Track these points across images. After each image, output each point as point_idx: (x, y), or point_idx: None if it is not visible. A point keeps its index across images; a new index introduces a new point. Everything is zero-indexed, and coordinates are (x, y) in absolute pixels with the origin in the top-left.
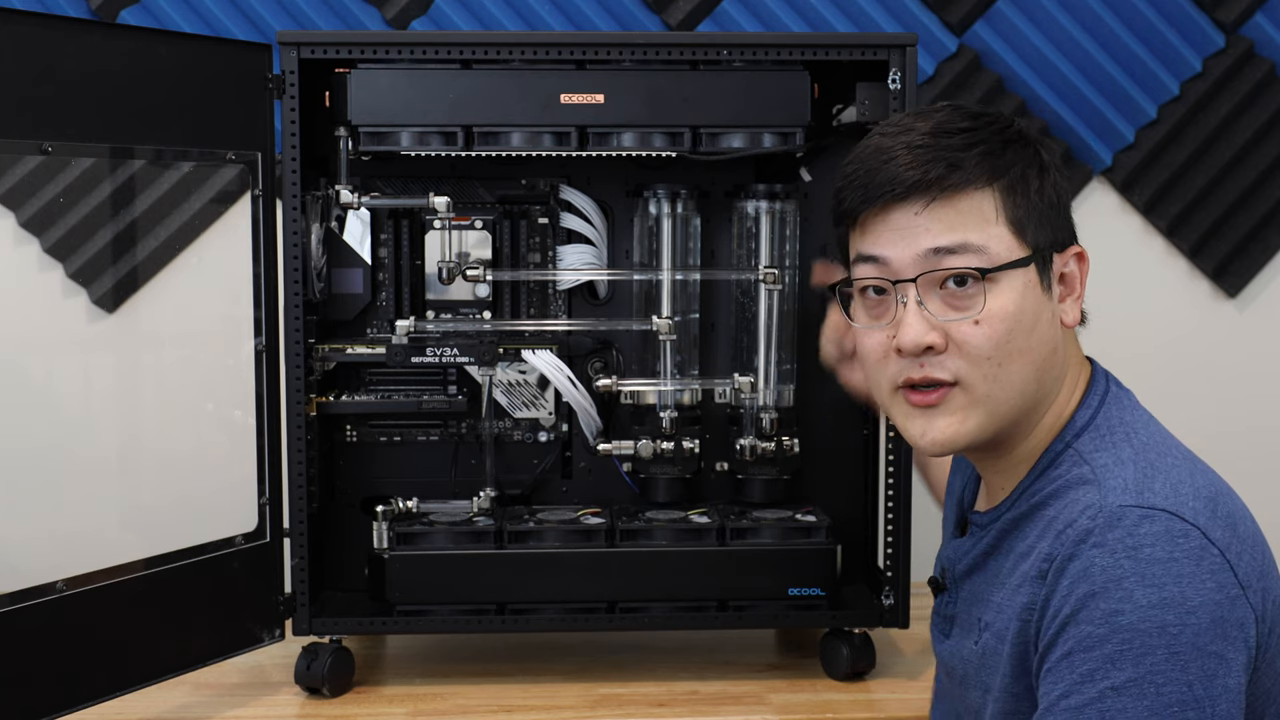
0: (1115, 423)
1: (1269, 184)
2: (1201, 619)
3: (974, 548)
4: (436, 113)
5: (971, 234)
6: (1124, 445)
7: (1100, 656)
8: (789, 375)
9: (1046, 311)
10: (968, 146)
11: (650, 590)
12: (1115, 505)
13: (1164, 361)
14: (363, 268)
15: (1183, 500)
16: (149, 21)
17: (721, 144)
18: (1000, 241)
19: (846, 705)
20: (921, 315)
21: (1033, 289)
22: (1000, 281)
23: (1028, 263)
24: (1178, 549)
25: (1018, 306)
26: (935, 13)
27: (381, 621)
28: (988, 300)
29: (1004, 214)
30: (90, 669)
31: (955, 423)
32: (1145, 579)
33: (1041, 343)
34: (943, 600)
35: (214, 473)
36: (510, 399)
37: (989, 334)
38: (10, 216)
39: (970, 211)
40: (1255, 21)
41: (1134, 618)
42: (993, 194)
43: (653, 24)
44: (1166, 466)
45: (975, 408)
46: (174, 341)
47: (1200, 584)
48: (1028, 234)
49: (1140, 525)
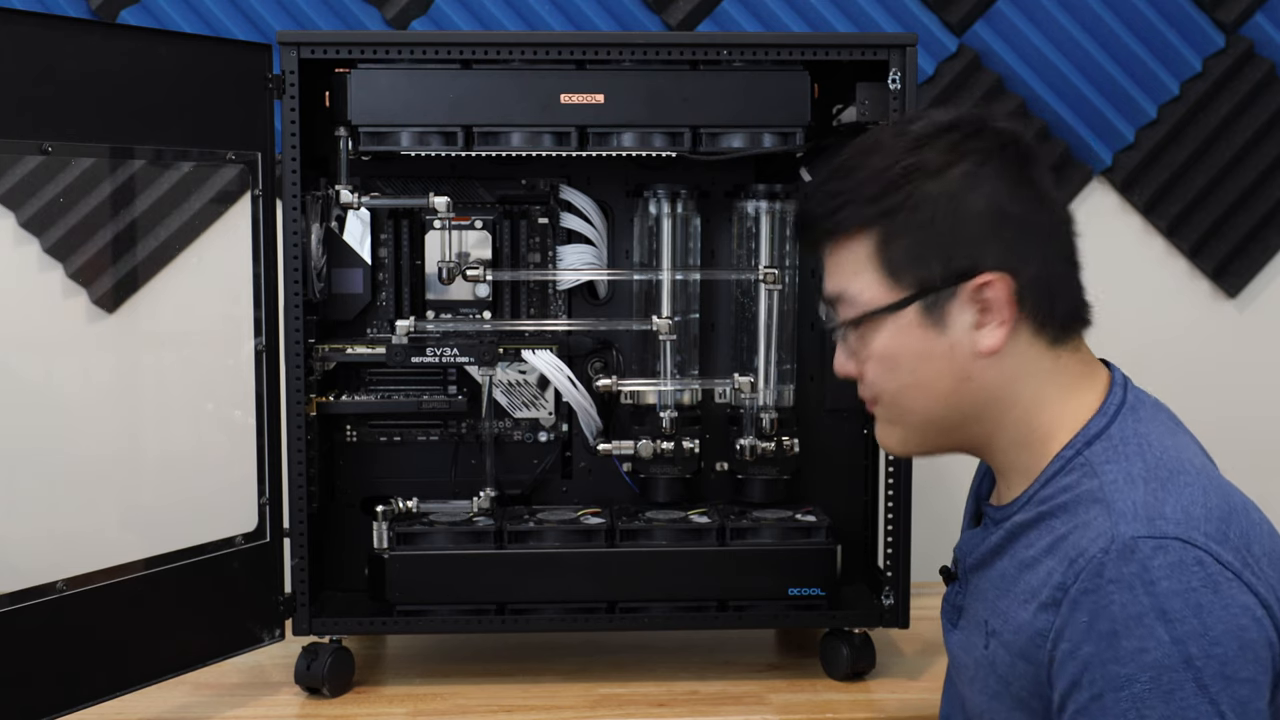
0: (1129, 434)
1: (1269, 184)
2: (1227, 648)
3: (984, 542)
4: (436, 113)
5: (844, 283)
6: (1136, 459)
7: (1130, 697)
8: (789, 375)
9: (938, 348)
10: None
11: (650, 590)
12: (1128, 536)
13: (1164, 361)
14: (363, 268)
15: (1194, 524)
16: (149, 21)
17: (721, 144)
18: (870, 289)
19: (846, 705)
20: (843, 347)
21: (912, 329)
22: (879, 325)
23: (898, 307)
24: (1194, 578)
25: (892, 349)
26: (935, 13)
27: (381, 621)
28: (871, 342)
29: (875, 260)
30: (90, 669)
31: (889, 433)
32: (1165, 614)
33: (935, 377)
34: (953, 589)
35: (214, 473)
36: (510, 399)
37: (874, 372)
38: (10, 216)
39: (845, 260)
40: (1255, 21)
41: (1158, 654)
42: (868, 240)
43: (653, 24)
44: (1179, 486)
45: (896, 424)
46: (174, 341)
47: (1221, 611)
48: (904, 277)
49: (1154, 557)
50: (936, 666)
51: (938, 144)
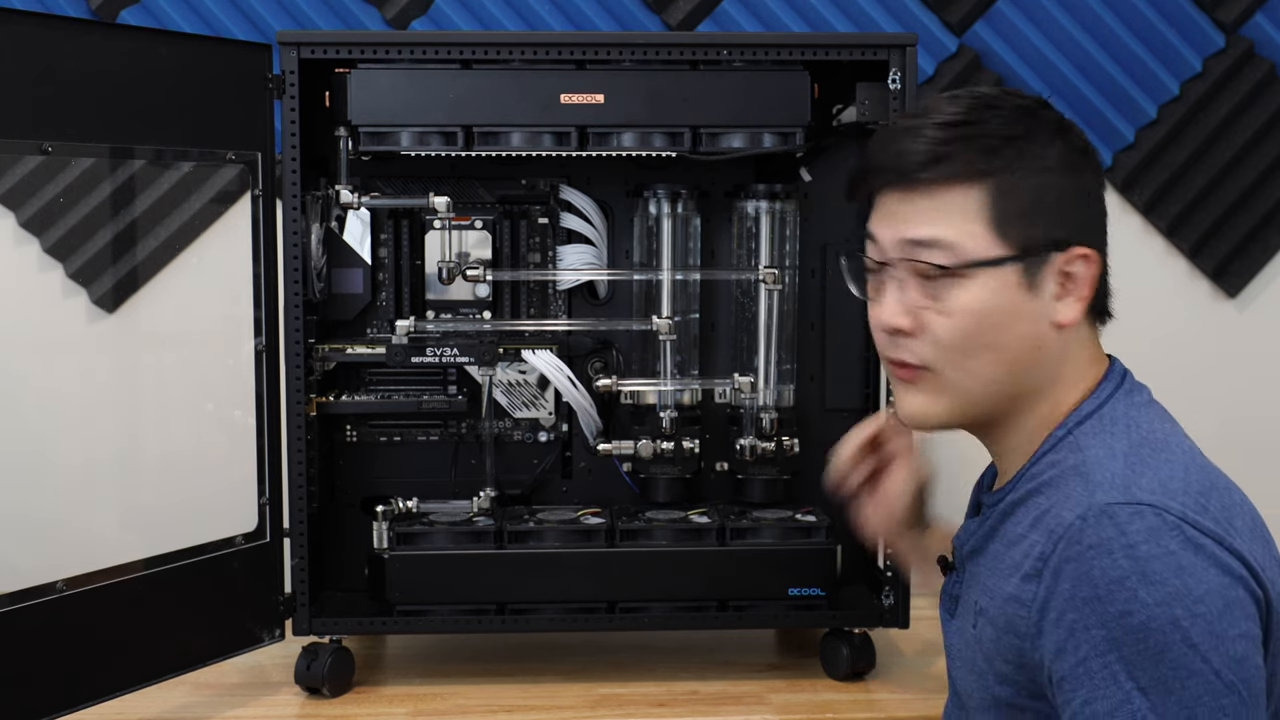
0: (1119, 415)
1: (1269, 184)
2: (1212, 606)
3: (979, 529)
4: (436, 113)
5: (946, 229)
6: (1121, 437)
7: (1118, 660)
8: (789, 375)
9: (1027, 310)
10: (963, 139)
11: (650, 590)
12: (1103, 502)
13: (1163, 361)
14: (363, 268)
15: (1171, 494)
16: (149, 21)
17: (721, 144)
18: (975, 239)
19: (846, 705)
20: (898, 298)
21: (1010, 288)
22: (972, 278)
23: (1003, 263)
24: (1172, 542)
25: (987, 304)
26: (935, 13)
27: (381, 621)
28: (957, 295)
29: (985, 212)
30: (90, 669)
31: (926, 403)
32: (1147, 576)
33: (1016, 340)
34: (951, 579)
35: (214, 473)
36: (510, 399)
37: (955, 326)
38: (10, 216)
39: (949, 207)
40: (1255, 21)
41: (1143, 616)
42: (977, 192)
43: (653, 24)
44: (1159, 462)
45: (944, 393)
46: (174, 341)
47: (1203, 573)
48: (1010, 234)
49: (1131, 522)
50: (936, 666)
51: (1046, 118)
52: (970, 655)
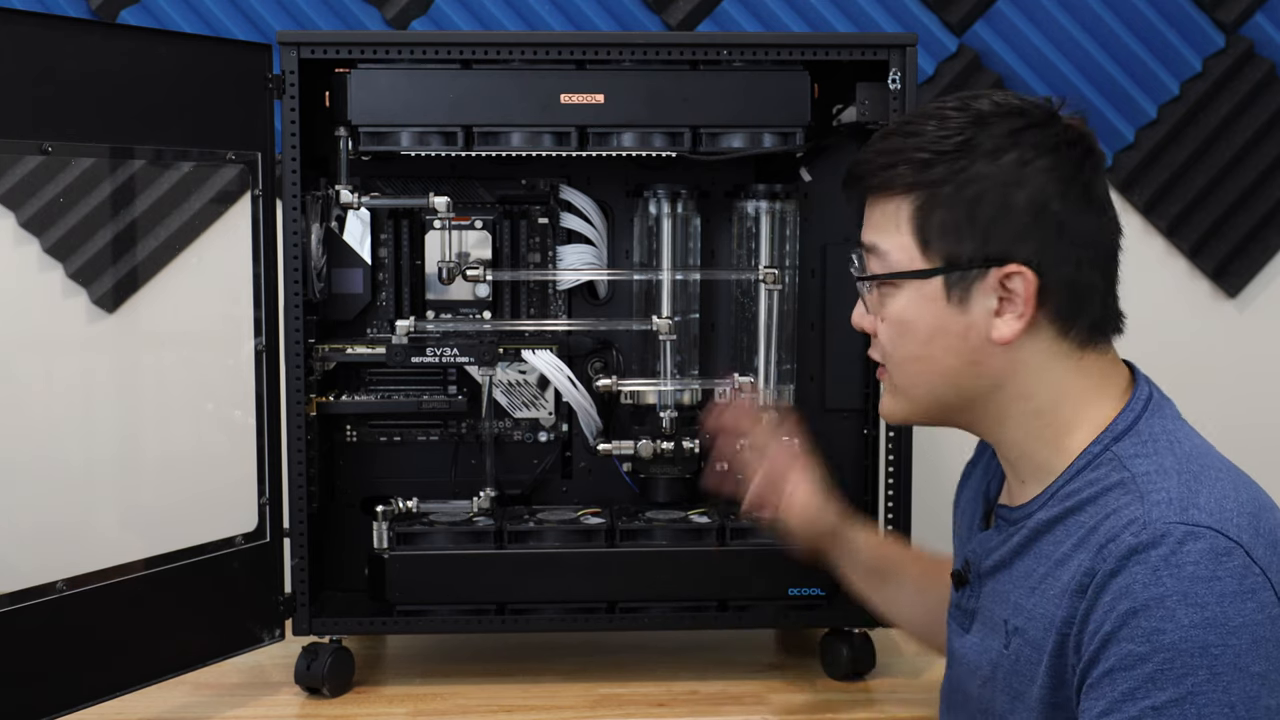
0: (1158, 431)
1: (1269, 184)
2: (1243, 640)
3: (1003, 544)
4: (436, 113)
5: (879, 237)
6: (1166, 454)
7: (1141, 675)
8: (789, 375)
9: (955, 325)
10: (900, 150)
11: (650, 590)
12: (1160, 521)
13: (1163, 361)
14: (363, 268)
15: (1227, 516)
16: (149, 21)
17: (721, 144)
18: (902, 251)
19: (846, 705)
20: (864, 301)
21: (932, 301)
22: (901, 288)
23: (926, 275)
24: (1221, 568)
25: (910, 315)
26: (935, 13)
27: (381, 621)
28: (888, 303)
29: (911, 224)
30: (90, 669)
31: (888, 401)
32: (1188, 598)
33: (943, 352)
34: (964, 594)
35: (214, 473)
36: (510, 399)
37: (886, 334)
38: (10, 216)
39: (885, 216)
40: (1255, 21)
41: (1175, 637)
42: (907, 203)
43: (653, 24)
44: (1210, 480)
45: (898, 393)
46: (174, 341)
47: (1242, 604)
48: (934, 247)
49: (1185, 543)
50: (936, 666)
51: (999, 126)
52: (1004, 678)
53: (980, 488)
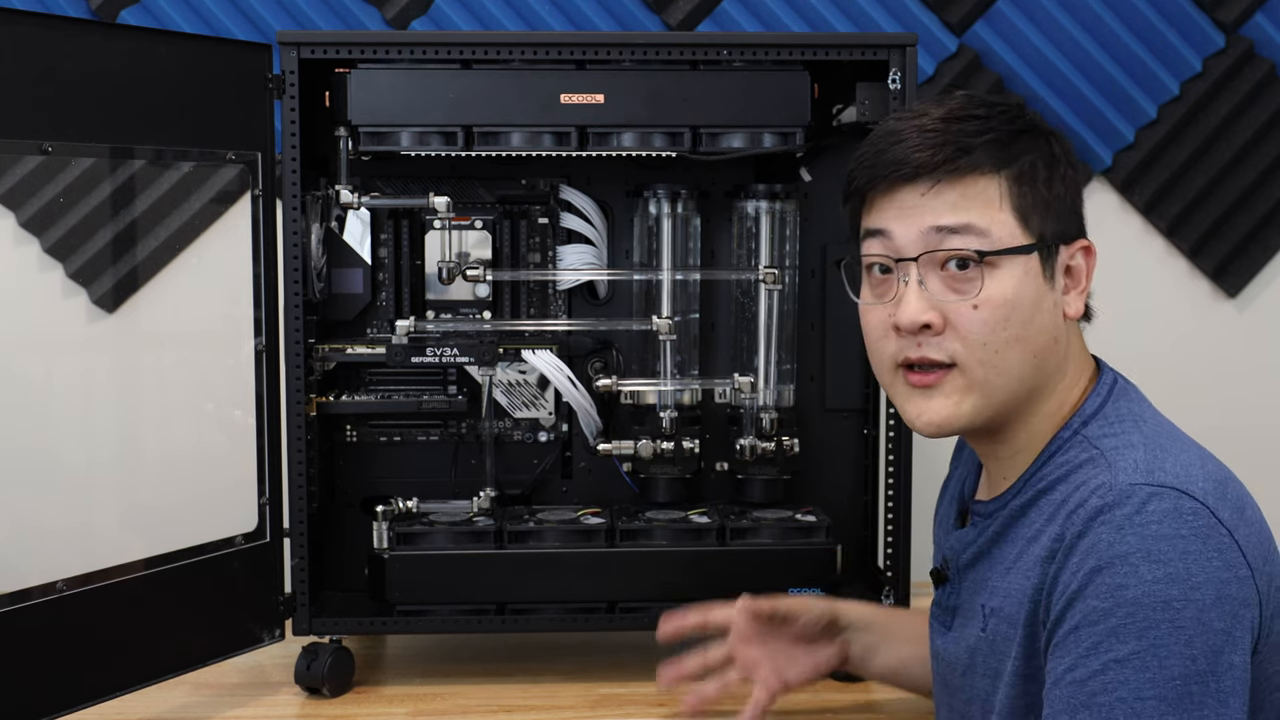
0: (1124, 412)
1: (1269, 184)
2: (1206, 595)
3: (978, 537)
4: (436, 113)
5: (975, 217)
6: (1133, 431)
7: (1104, 630)
8: (789, 375)
9: (1047, 301)
10: (979, 133)
11: (650, 590)
12: (1125, 483)
13: (1164, 361)
14: (363, 268)
15: (1193, 480)
16: (149, 21)
17: (721, 144)
18: (1003, 227)
19: (846, 705)
20: (921, 294)
21: (1033, 277)
22: (1000, 267)
23: (1030, 250)
24: (1185, 526)
25: (1016, 293)
26: (935, 13)
27: (381, 621)
28: (986, 285)
29: (1009, 201)
30: (90, 669)
31: (951, 405)
32: (1151, 555)
33: (1040, 331)
34: (945, 592)
35: (214, 473)
36: (510, 399)
37: (985, 318)
38: (10, 216)
39: (976, 195)
40: (1255, 21)
41: (1138, 592)
42: (999, 181)
43: (653, 24)
44: (1176, 451)
45: (971, 391)
46: (174, 341)
47: (1206, 561)
48: (1032, 223)
49: (1149, 502)
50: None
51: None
52: (982, 660)
53: (956, 491)
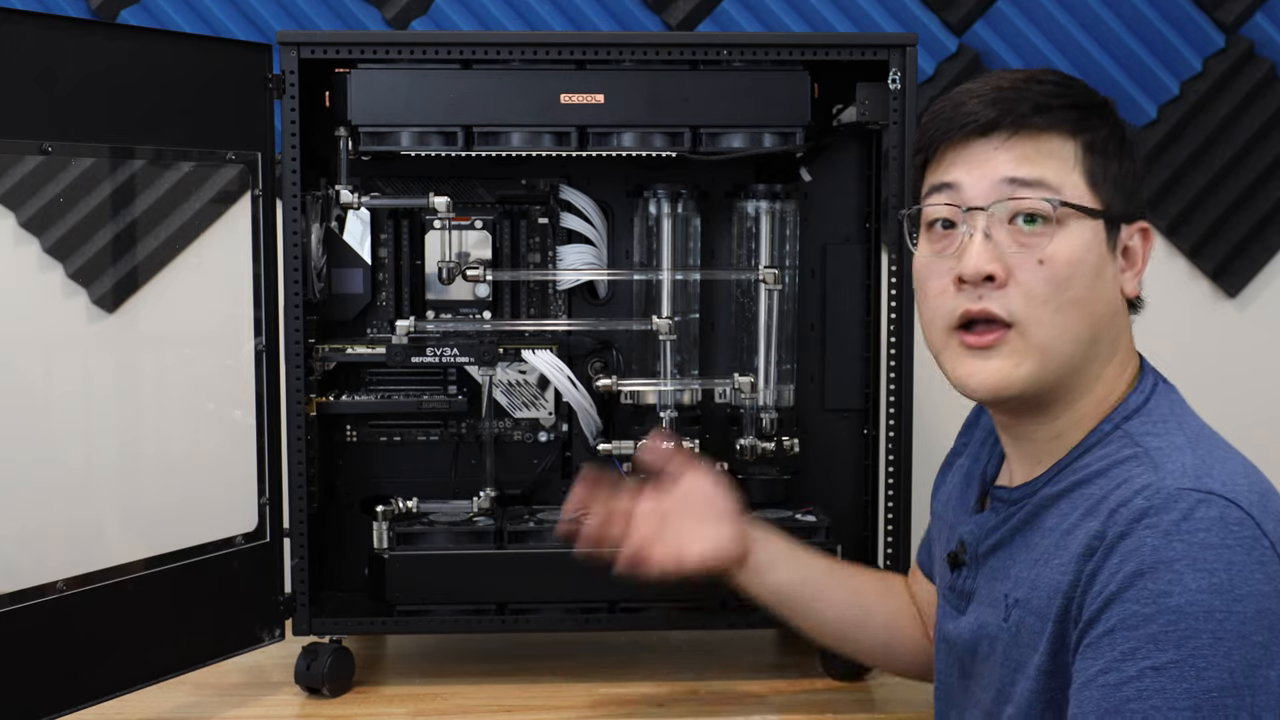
0: (1167, 412)
1: (1269, 184)
2: (1248, 608)
3: (1003, 524)
4: (436, 113)
5: (1049, 173)
6: (1177, 433)
7: (1143, 636)
8: (789, 375)
9: (1109, 270)
10: (1057, 95)
11: (650, 590)
12: (1173, 487)
13: (1163, 361)
14: (363, 268)
15: (1239, 489)
16: (149, 21)
17: (721, 144)
18: (1075, 188)
19: (846, 705)
20: (987, 245)
21: (1099, 243)
22: (1069, 226)
23: (1098, 215)
24: (1231, 536)
25: (1083, 254)
26: (935, 13)
27: (381, 621)
28: (1055, 242)
29: (1081, 165)
30: (90, 669)
31: (1008, 368)
32: (1196, 563)
33: (1100, 298)
34: (960, 576)
35: (214, 473)
36: (510, 399)
37: (1050, 275)
38: (10, 216)
39: (1051, 154)
40: (1255, 21)
41: (1181, 600)
42: (1074, 145)
43: (653, 24)
44: (1222, 457)
45: (1029, 354)
46: (174, 341)
47: (1250, 573)
48: (1101, 192)
49: (1196, 509)
50: None
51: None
52: (1003, 650)
53: (976, 471)
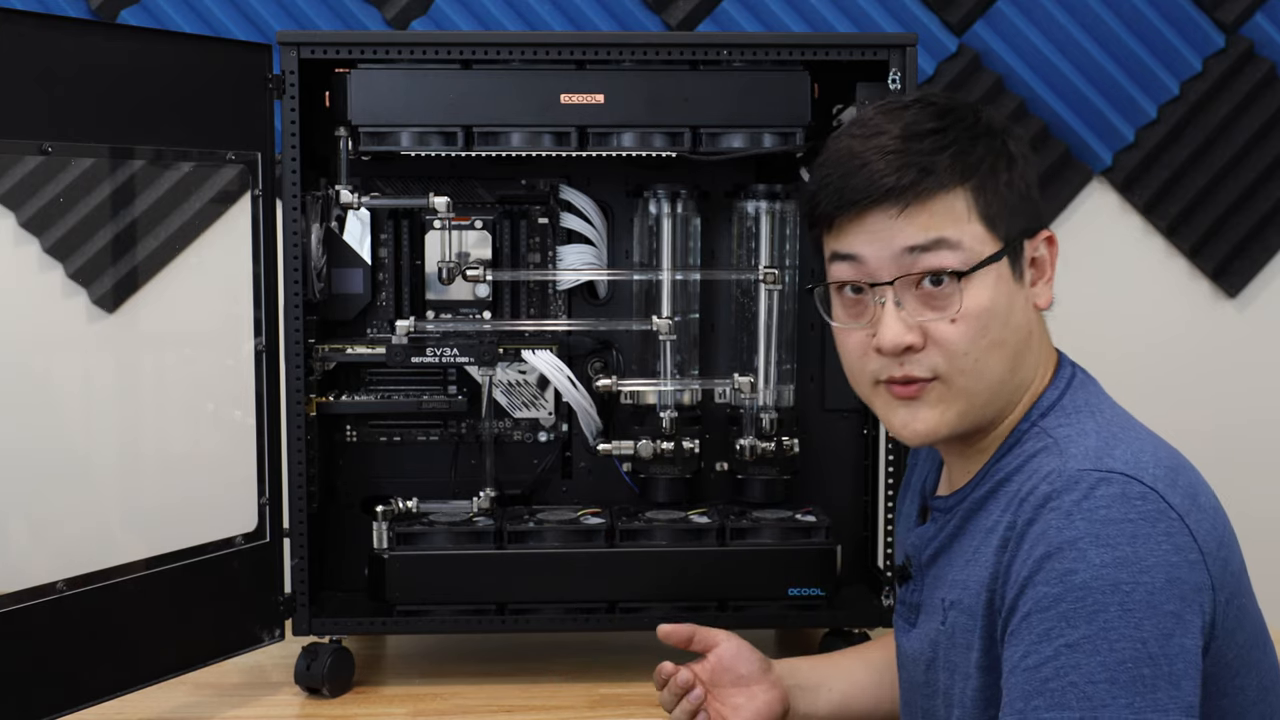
0: (1081, 403)
1: (1269, 184)
2: (1156, 578)
3: (939, 533)
4: (436, 113)
5: (946, 231)
6: (1088, 420)
7: (1055, 615)
8: (789, 375)
9: (1020, 299)
10: (939, 149)
11: (650, 590)
12: (1074, 469)
13: (1164, 361)
14: (363, 268)
15: (1143, 466)
16: (149, 21)
17: (721, 144)
18: (974, 238)
19: None
20: (899, 315)
21: (1005, 281)
22: (975, 278)
23: (1000, 257)
24: (1133, 510)
25: (992, 301)
26: (935, 13)
27: (381, 621)
28: (964, 298)
29: (976, 211)
30: (90, 669)
31: (937, 415)
32: (1099, 539)
33: (1016, 331)
34: (909, 589)
35: (214, 473)
36: (510, 399)
37: (966, 331)
38: (10, 216)
39: (944, 212)
40: (1255, 21)
41: (1087, 576)
42: (964, 193)
43: (653, 24)
44: (1129, 439)
45: (956, 399)
46: (174, 341)
47: (1156, 544)
48: (999, 228)
49: (1097, 487)
50: None
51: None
52: (943, 654)
53: (917, 487)
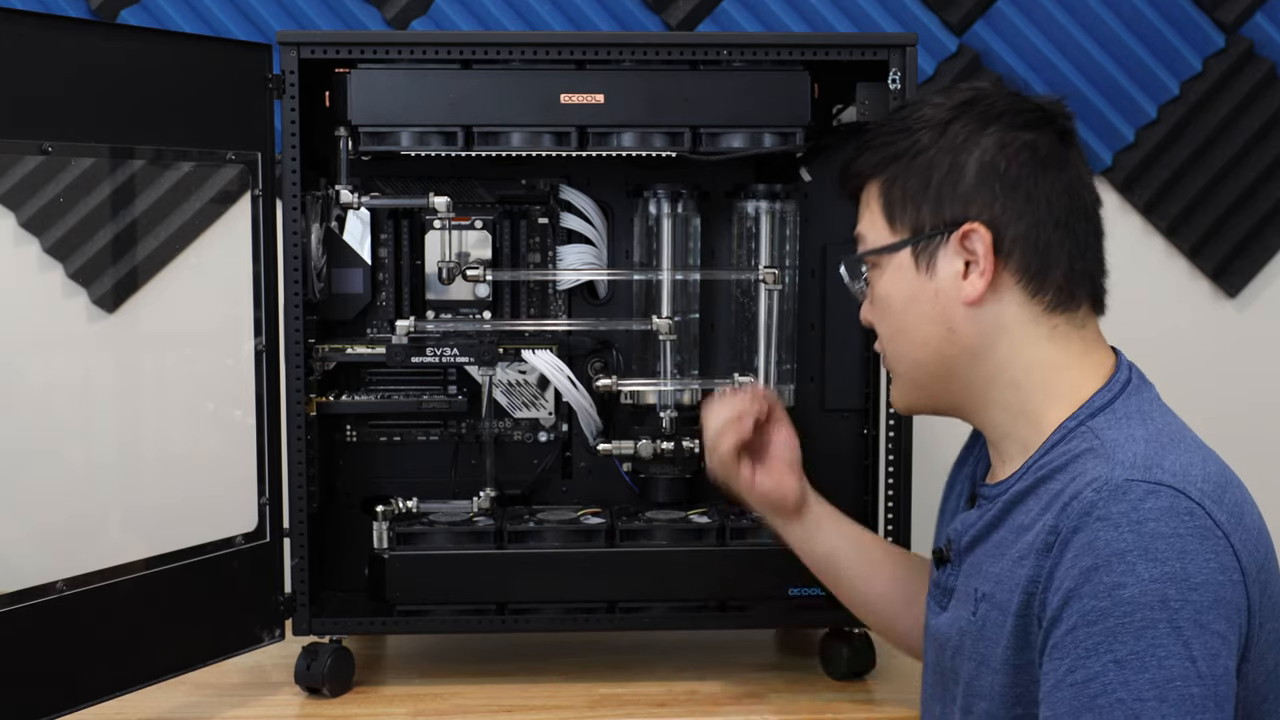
0: (1133, 408)
1: (1269, 184)
2: (1204, 596)
3: (979, 520)
4: (436, 113)
5: (864, 225)
6: (1139, 426)
7: (1102, 630)
8: (789, 375)
9: (925, 291)
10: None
11: (650, 590)
12: (1121, 478)
13: (1163, 361)
14: (363, 268)
15: (1191, 480)
16: (149, 21)
17: (721, 144)
18: (874, 231)
19: (846, 705)
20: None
21: (903, 271)
22: (882, 267)
23: (896, 248)
24: (1182, 525)
25: (887, 291)
26: (935, 13)
27: (381, 621)
28: (878, 285)
29: (879, 203)
30: (90, 669)
31: (894, 391)
32: (1149, 553)
33: (920, 320)
34: (944, 572)
35: (214, 473)
36: (510, 399)
37: (880, 314)
38: (10, 216)
39: (867, 206)
40: (1255, 21)
41: (1135, 591)
42: (877, 187)
43: (653, 24)
44: (1179, 450)
45: (897, 380)
46: (174, 341)
47: (1204, 561)
48: (901, 221)
49: (1145, 500)
50: None
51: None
52: (970, 644)
53: (969, 472)
